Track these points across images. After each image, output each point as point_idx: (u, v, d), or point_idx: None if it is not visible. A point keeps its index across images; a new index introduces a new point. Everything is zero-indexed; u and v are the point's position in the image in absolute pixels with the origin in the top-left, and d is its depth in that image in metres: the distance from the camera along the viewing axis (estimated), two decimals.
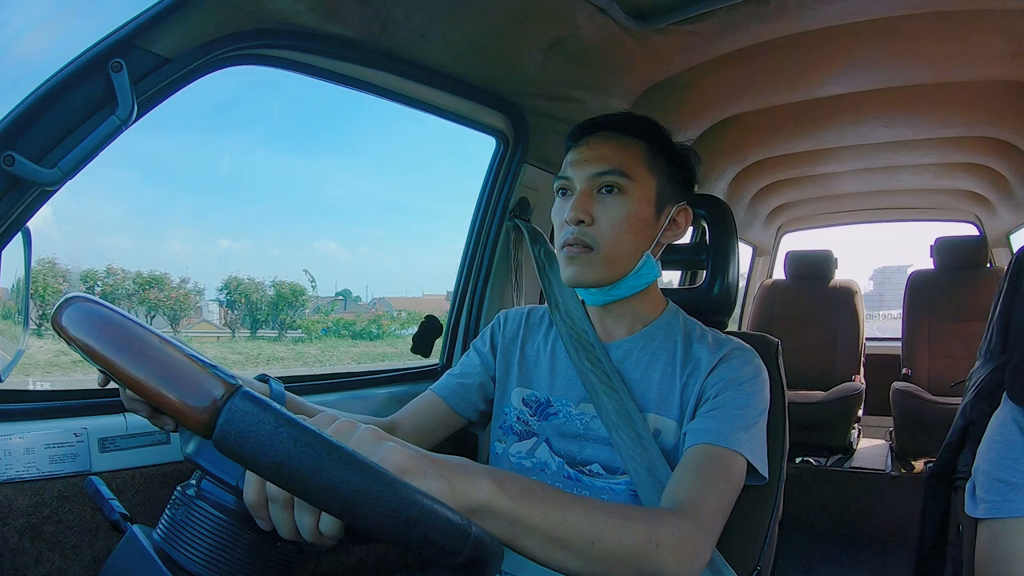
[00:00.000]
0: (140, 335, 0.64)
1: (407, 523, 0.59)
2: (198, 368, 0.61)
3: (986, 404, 1.30)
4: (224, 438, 0.56)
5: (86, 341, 0.64)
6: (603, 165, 1.10)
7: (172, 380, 0.61)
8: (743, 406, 1.05)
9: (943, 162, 3.09)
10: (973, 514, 1.00)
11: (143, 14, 0.96)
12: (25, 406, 1.05)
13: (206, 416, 0.59)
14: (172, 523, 0.71)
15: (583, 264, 1.10)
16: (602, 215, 1.09)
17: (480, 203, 1.79)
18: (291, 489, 0.58)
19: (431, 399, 1.29)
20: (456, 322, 1.81)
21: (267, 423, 0.56)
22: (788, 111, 2.23)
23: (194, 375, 0.61)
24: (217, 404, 0.59)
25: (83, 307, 0.66)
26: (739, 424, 1.03)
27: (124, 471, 1.10)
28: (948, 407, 3.24)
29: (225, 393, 0.59)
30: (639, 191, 1.11)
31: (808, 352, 4.03)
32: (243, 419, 0.56)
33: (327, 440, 0.58)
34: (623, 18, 1.43)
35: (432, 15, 1.28)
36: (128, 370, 0.62)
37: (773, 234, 4.57)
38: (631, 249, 1.11)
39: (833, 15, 1.52)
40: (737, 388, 1.07)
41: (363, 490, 0.58)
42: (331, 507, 0.58)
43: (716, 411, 1.05)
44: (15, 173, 0.88)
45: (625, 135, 1.14)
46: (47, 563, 1.01)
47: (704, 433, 1.03)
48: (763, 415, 1.08)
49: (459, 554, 0.61)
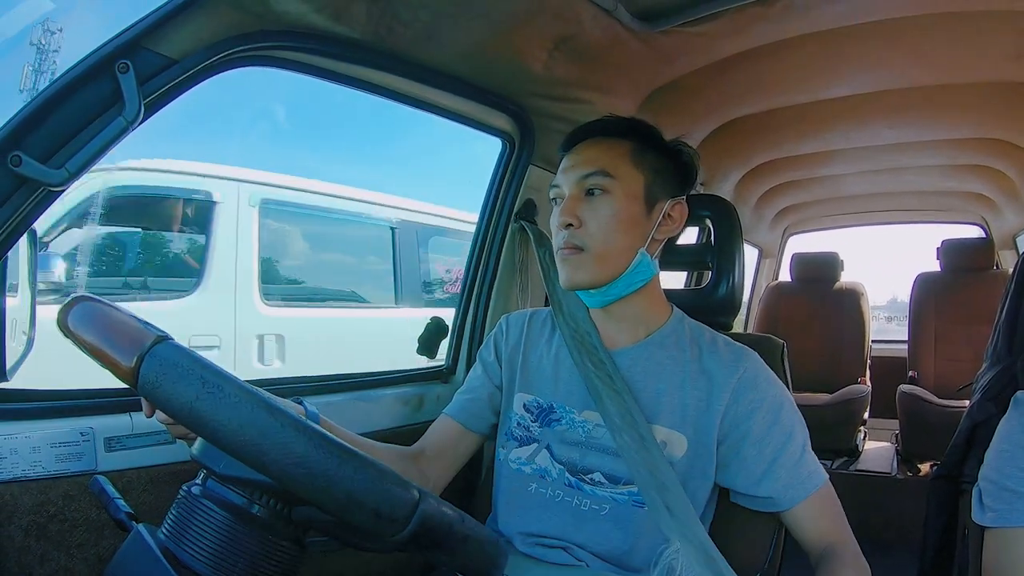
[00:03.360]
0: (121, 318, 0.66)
1: (329, 478, 0.59)
2: (129, 322, 0.64)
3: (993, 405, 1.29)
4: (146, 383, 0.59)
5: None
6: (587, 167, 1.13)
7: (109, 337, 0.64)
8: (797, 437, 1.12)
9: (949, 164, 3.08)
10: (981, 522, 0.99)
11: (150, 15, 0.96)
12: (31, 405, 1.05)
13: (134, 365, 0.61)
14: (177, 522, 0.72)
15: (575, 265, 1.12)
16: (590, 217, 1.11)
17: (486, 205, 1.79)
18: (202, 432, 0.60)
19: (445, 422, 1.30)
20: (461, 324, 1.81)
21: (183, 366, 0.59)
22: (794, 113, 2.23)
23: (124, 327, 0.64)
24: (141, 354, 0.61)
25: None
26: (808, 463, 1.12)
27: (130, 470, 1.10)
28: (954, 410, 3.23)
29: (151, 342, 0.61)
30: (623, 189, 1.12)
31: (813, 354, 4.02)
32: (167, 366, 0.59)
33: (241, 385, 0.60)
34: (628, 19, 1.43)
35: (438, 16, 1.28)
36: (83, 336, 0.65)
37: (779, 236, 4.56)
38: (622, 247, 1.12)
39: (839, 16, 1.52)
40: (779, 428, 1.11)
41: (272, 436, 0.58)
42: (238, 451, 0.59)
43: (783, 469, 1.10)
44: (22, 173, 0.88)
45: (611, 137, 1.16)
46: (52, 562, 1.01)
47: (792, 489, 1.10)
48: (805, 431, 1.15)
49: (402, 524, 0.61)
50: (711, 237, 1.38)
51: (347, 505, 0.59)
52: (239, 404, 0.58)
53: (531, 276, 1.80)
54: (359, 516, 0.60)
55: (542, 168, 1.75)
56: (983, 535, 1.01)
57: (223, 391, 0.59)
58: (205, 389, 0.58)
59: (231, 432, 0.58)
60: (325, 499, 0.59)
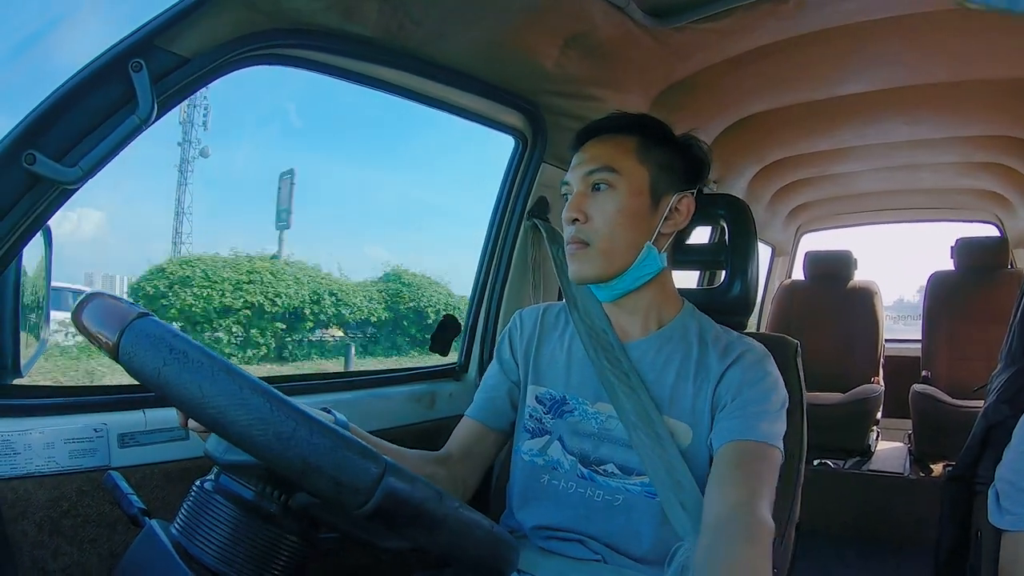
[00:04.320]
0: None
1: (284, 440, 0.60)
2: (122, 306, 0.67)
3: (1008, 407, 1.28)
4: (124, 356, 0.63)
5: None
6: (593, 164, 1.14)
7: (101, 318, 0.67)
8: (761, 400, 1.08)
9: (963, 161, 3.06)
10: (999, 525, 0.99)
11: (162, 14, 0.96)
12: (45, 401, 1.05)
13: (115, 340, 0.64)
14: (190, 518, 0.72)
15: (581, 259, 1.14)
16: (595, 211, 1.12)
17: (499, 202, 1.79)
18: (170, 397, 0.62)
19: (468, 424, 1.29)
20: (474, 321, 1.81)
21: (155, 335, 0.62)
22: (807, 109, 2.21)
23: (117, 310, 0.66)
24: (121, 328, 0.64)
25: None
26: (763, 420, 1.06)
27: (143, 466, 1.10)
28: (968, 411, 3.20)
29: (132, 317, 0.64)
30: (628, 183, 1.12)
31: (826, 353, 3.99)
32: (143, 342, 0.62)
33: (206, 351, 0.62)
34: (640, 16, 1.42)
35: (449, 13, 1.28)
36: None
37: (792, 234, 4.54)
38: (628, 241, 1.13)
39: (852, 12, 1.51)
40: (751, 387, 1.09)
41: (232, 395, 0.61)
42: (200, 414, 0.61)
43: (736, 411, 1.07)
44: (37, 171, 0.89)
45: (618, 134, 1.17)
46: (66, 556, 1.02)
47: (728, 432, 1.05)
48: (783, 409, 1.10)
49: (365, 494, 0.60)
50: (725, 236, 1.37)
51: (304, 470, 0.60)
52: (201, 367, 0.61)
53: (544, 273, 1.80)
54: (319, 483, 0.60)
55: (554, 166, 1.75)
56: (998, 537, 1.01)
57: (187, 356, 0.61)
58: (172, 355, 0.61)
59: (194, 395, 0.61)
60: (283, 463, 0.60)
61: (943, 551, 1.43)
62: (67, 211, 2.69)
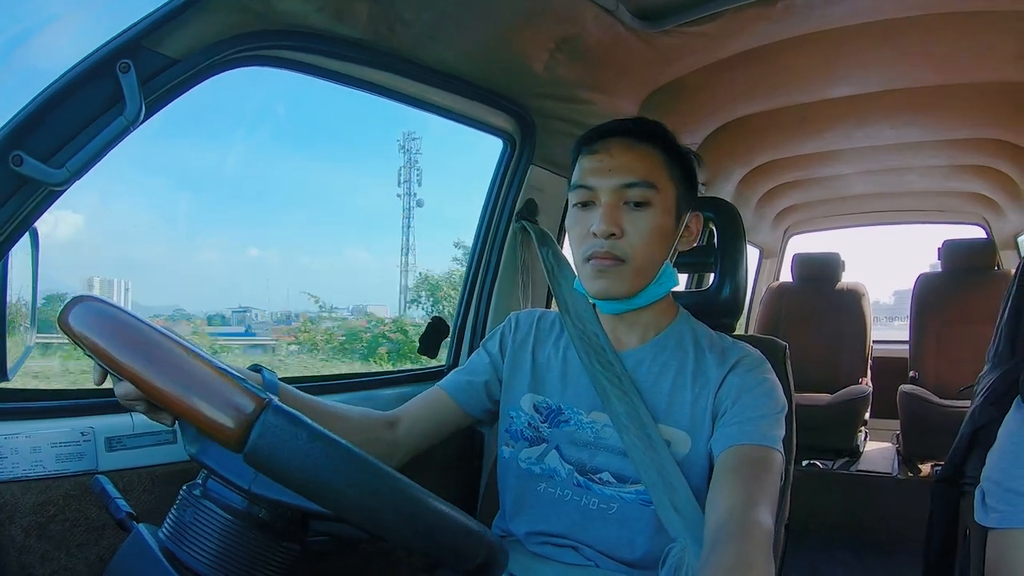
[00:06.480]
0: (156, 339, 0.63)
1: (426, 531, 0.62)
2: (225, 381, 0.61)
3: (995, 409, 1.29)
4: (257, 453, 0.57)
5: (95, 340, 0.64)
6: (629, 176, 1.09)
7: (199, 391, 0.60)
8: (760, 406, 1.07)
9: (950, 164, 3.08)
10: (984, 523, 0.99)
11: (150, 15, 0.96)
12: (32, 405, 1.05)
13: (238, 431, 0.58)
14: (178, 522, 0.72)
15: (615, 277, 1.09)
16: (631, 227, 1.08)
17: (487, 205, 1.79)
18: (321, 502, 0.59)
19: (438, 395, 1.28)
20: (463, 323, 1.81)
21: (300, 439, 0.58)
22: (795, 113, 2.23)
23: (221, 388, 0.60)
24: (249, 419, 0.59)
25: (91, 306, 0.66)
26: (763, 424, 1.05)
27: (131, 470, 1.10)
28: (955, 411, 3.22)
29: (256, 408, 0.59)
30: (663, 202, 1.10)
31: (815, 354, 4.01)
32: (276, 434, 0.57)
33: (355, 452, 0.60)
34: (629, 19, 1.43)
35: (439, 16, 1.28)
36: (152, 381, 0.61)
37: (780, 236, 4.56)
38: (658, 260, 1.11)
39: (840, 16, 1.52)
40: (750, 392, 1.08)
41: (388, 499, 0.60)
42: (359, 519, 0.60)
43: (736, 417, 1.07)
44: (24, 173, 0.88)
45: (643, 142, 1.12)
46: (53, 561, 1.01)
47: (729, 437, 1.05)
48: (782, 414, 1.09)
49: (474, 559, 0.64)
50: (714, 239, 1.38)
51: (439, 551, 0.64)
52: (357, 477, 0.60)
53: (532, 275, 1.80)
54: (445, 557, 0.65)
55: (543, 168, 1.75)
56: (985, 536, 1.01)
57: (344, 461, 0.59)
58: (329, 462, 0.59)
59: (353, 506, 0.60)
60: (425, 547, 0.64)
61: (933, 553, 1.43)
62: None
